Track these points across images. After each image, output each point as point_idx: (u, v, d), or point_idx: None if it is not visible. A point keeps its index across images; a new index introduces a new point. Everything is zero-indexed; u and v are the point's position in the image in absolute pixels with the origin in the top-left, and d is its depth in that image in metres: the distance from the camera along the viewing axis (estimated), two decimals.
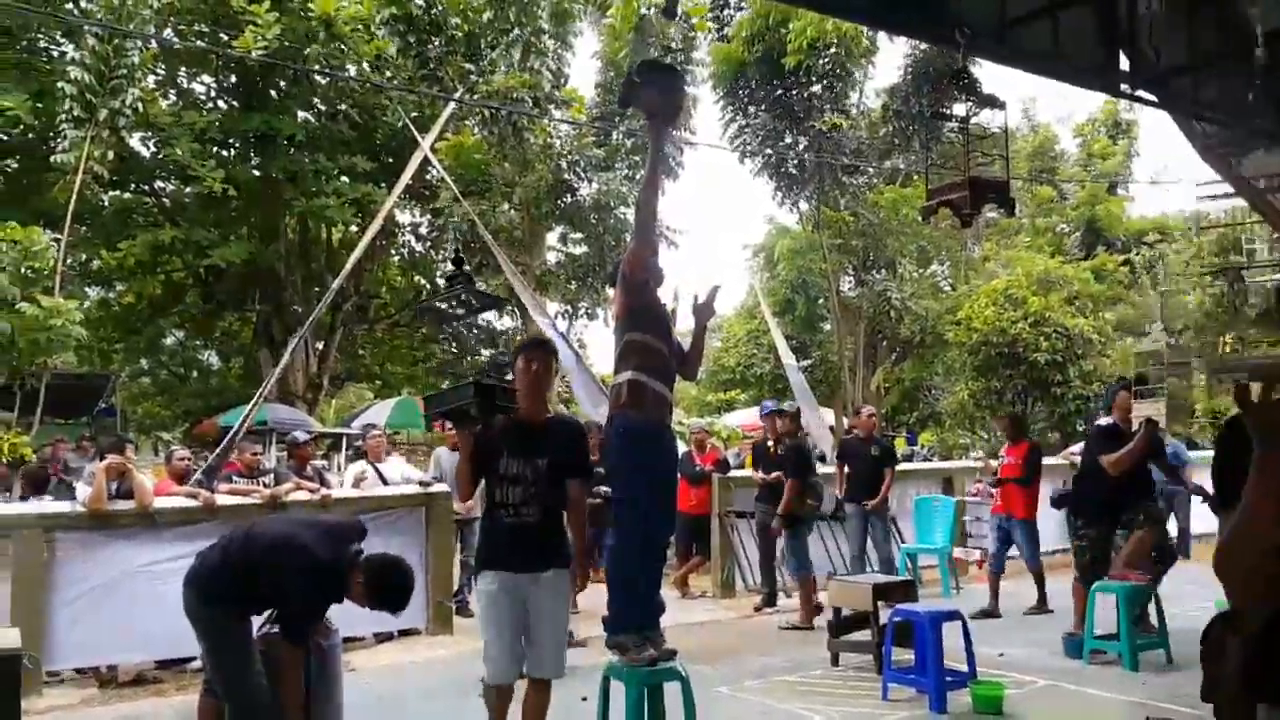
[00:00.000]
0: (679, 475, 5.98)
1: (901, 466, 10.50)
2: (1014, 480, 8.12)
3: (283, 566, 3.80)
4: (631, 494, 4.06)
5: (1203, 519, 12.25)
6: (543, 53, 13.96)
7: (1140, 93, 7.93)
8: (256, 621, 4.16)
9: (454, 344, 23.51)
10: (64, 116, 11.78)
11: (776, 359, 22.94)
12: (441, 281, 20.92)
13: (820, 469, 8.86)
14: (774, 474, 8.29)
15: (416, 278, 21.11)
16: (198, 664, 6.75)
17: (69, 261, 13.22)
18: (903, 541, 9.53)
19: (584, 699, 5.48)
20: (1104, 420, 6.72)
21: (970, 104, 5.26)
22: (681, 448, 8.19)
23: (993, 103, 5.28)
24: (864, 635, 6.26)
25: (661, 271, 4.31)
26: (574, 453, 4.09)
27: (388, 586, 3.90)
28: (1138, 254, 24.86)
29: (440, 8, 14.53)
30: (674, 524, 4.70)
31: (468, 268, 13.22)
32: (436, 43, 14.52)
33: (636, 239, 4.28)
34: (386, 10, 14.48)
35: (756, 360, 25.77)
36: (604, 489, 7.25)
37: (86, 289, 17.91)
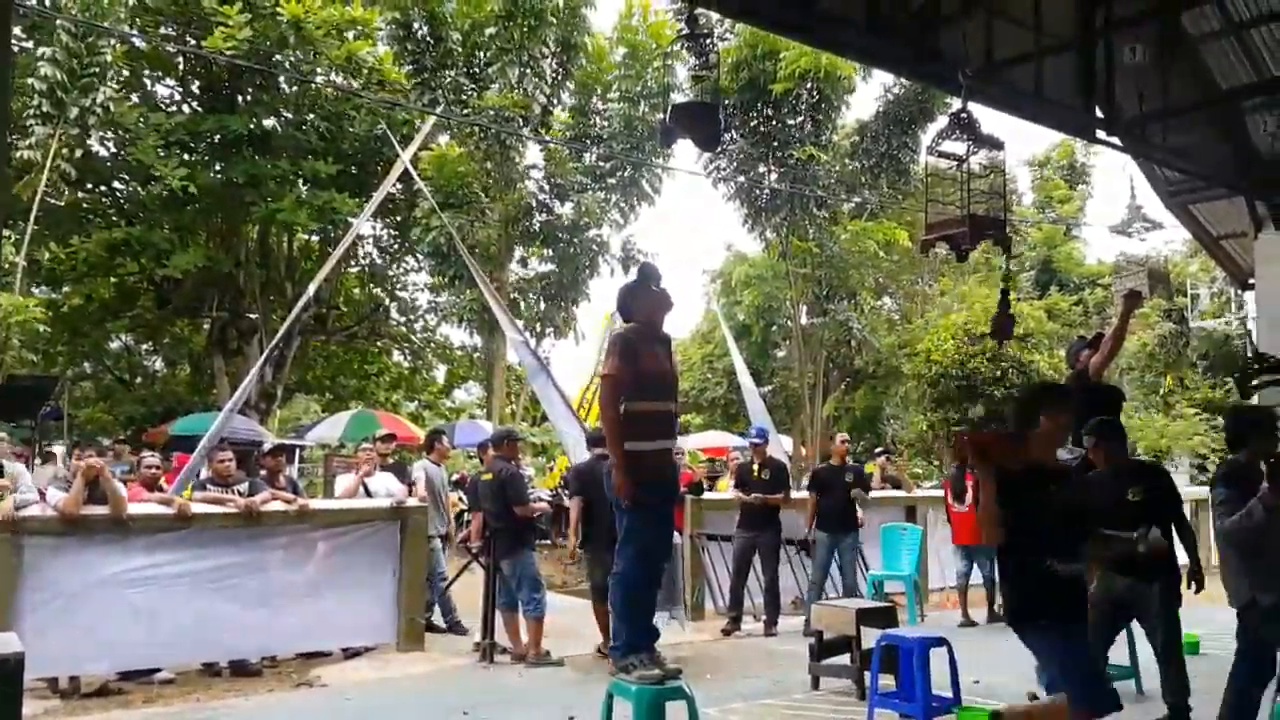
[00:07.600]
0: None
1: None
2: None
3: None
4: (637, 522, 4.18)
5: None
6: (540, 75, 13.99)
7: (1112, 139, 8.30)
8: None
9: (409, 357, 23.33)
10: (32, 112, 11.48)
11: (731, 383, 23.15)
12: (402, 295, 20.83)
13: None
14: (753, 495, 8.46)
15: (375, 290, 20.92)
16: (164, 674, 6.61)
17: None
18: (868, 569, 9.64)
19: (571, 718, 5.47)
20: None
21: (969, 143, 5.40)
22: None
23: (991, 143, 5.43)
24: (844, 659, 6.33)
25: (669, 299, 4.38)
26: None
27: None
28: (1090, 294, 25.62)
29: (441, 20, 14.50)
30: (670, 550, 4.77)
31: None
32: (435, 52, 14.48)
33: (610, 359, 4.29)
34: (389, 14, 14.41)
35: (710, 384, 25.89)
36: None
37: (33, 288, 17.41)
